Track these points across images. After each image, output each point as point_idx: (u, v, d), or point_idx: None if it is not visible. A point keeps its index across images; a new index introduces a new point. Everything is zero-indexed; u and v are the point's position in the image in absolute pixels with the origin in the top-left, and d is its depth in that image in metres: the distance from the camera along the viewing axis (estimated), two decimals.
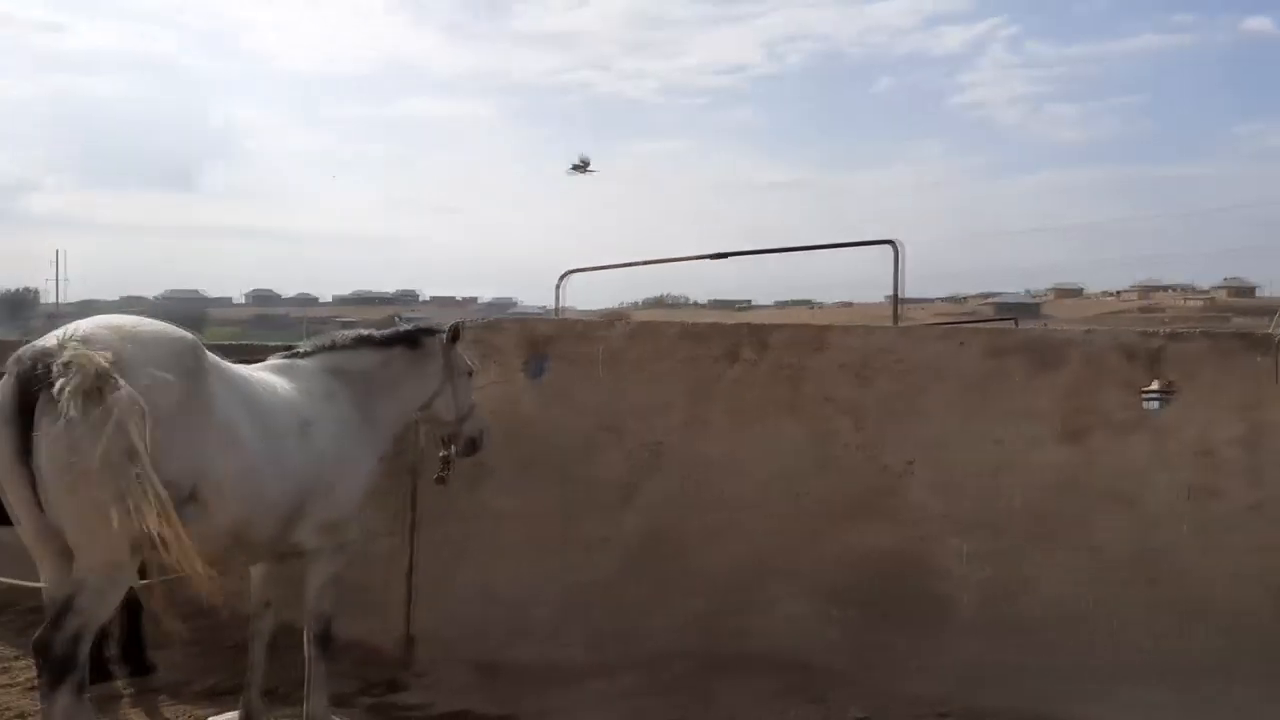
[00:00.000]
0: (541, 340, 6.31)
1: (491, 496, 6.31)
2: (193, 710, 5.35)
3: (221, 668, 5.95)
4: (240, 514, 4.17)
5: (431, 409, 5.44)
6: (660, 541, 6.06)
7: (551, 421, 6.27)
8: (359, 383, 5.03)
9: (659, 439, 6.10)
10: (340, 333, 5.26)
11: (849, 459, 5.73)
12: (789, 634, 5.67)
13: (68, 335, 3.78)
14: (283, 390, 4.60)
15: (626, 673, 5.86)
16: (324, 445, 4.63)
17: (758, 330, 6.10)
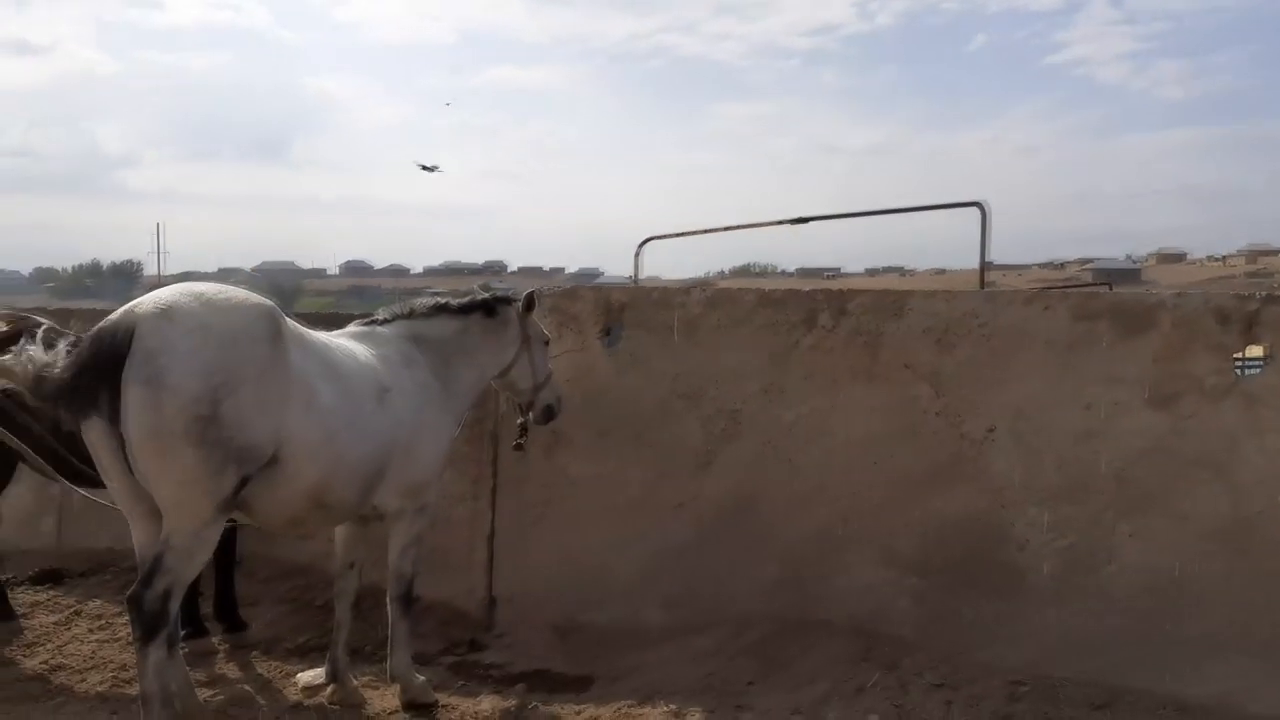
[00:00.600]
0: (617, 308, 6.33)
1: (569, 463, 6.38)
2: (283, 666, 5.55)
3: (311, 626, 6.17)
4: (320, 477, 4.29)
5: (508, 376, 5.51)
6: (737, 508, 6.05)
7: (627, 389, 6.30)
8: (437, 350, 5.11)
9: (736, 406, 6.08)
10: (419, 300, 5.35)
11: (928, 426, 5.62)
12: (864, 601, 5.62)
13: (150, 302, 3.92)
14: (362, 356, 4.71)
15: (702, 636, 5.90)
16: (402, 411, 4.73)
17: (836, 296, 6.00)
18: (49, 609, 6.29)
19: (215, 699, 4.93)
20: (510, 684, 5.53)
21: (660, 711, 4.89)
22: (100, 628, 5.97)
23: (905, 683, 4.92)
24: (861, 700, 4.81)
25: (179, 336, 3.80)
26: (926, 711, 4.64)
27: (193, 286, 4.12)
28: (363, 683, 5.19)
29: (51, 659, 5.39)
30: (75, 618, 6.12)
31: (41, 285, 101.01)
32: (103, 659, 5.42)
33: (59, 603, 6.42)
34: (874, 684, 4.94)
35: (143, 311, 3.85)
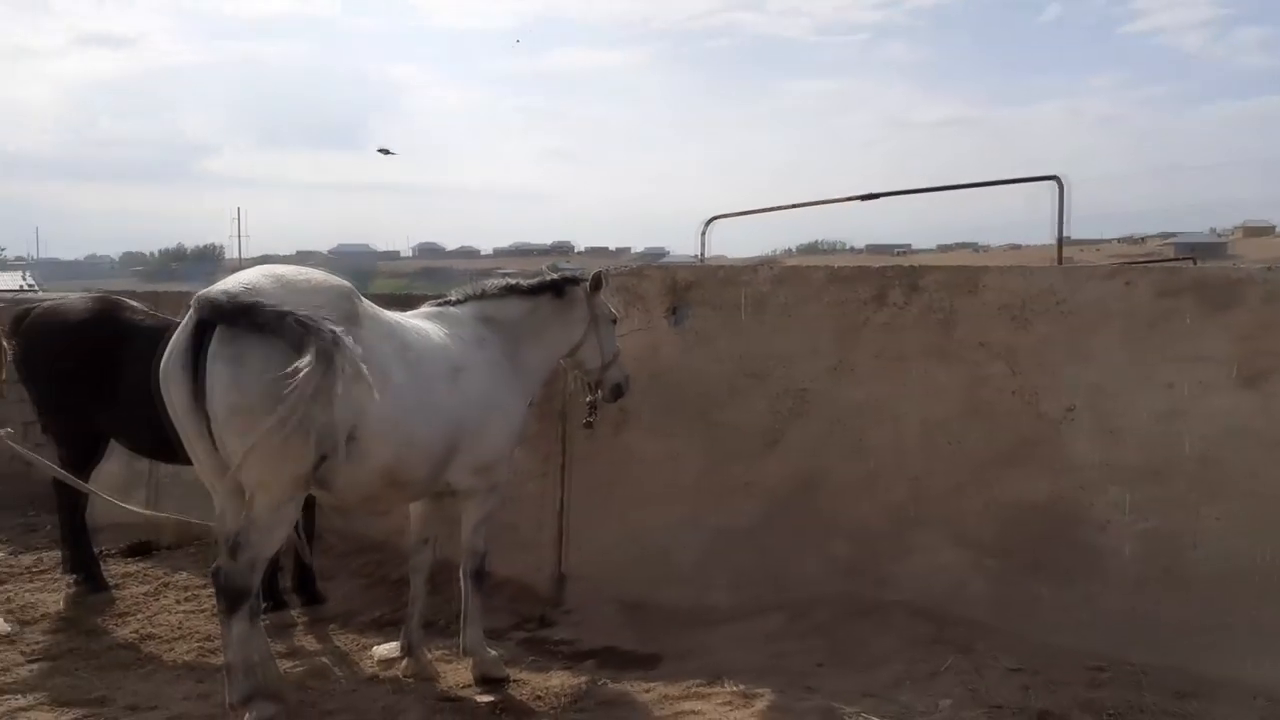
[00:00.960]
0: (684, 286, 6.30)
1: (636, 441, 6.40)
2: (360, 639, 5.68)
3: (386, 600, 6.30)
4: (395, 454, 4.36)
5: (576, 355, 5.54)
6: (805, 488, 6.01)
7: (694, 368, 6.29)
8: (507, 330, 5.16)
9: (804, 385, 6.02)
10: (490, 281, 5.40)
11: (1003, 405, 5.51)
12: (935, 583, 5.55)
13: (234, 284, 4.03)
14: (435, 337, 4.77)
15: (770, 616, 5.88)
16: (474, 390, 4.79)
17: (908, 272, 5.90)
18: (139, 580, 6.53)
19: (295, 670, 5.07)
20: (579, 660, 5.59)
21: (728, 691, 4.89)
22: (187, 599, 6.18)
23: (980, 666, 4.85)
24: (935, 684, 4.76)
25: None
26: (1003, 696, 4.57)
27: (273, 268, 4.22)
28: (436, 656, 5.29)
29: (141, 628, 5.60)
30: (164, 589, 6.34)
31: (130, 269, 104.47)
32: (189, 629, 5.60)
33: (148, 574, 6.66)
34: (948, 667, 4.88)
35: (226, 292, 3.95)
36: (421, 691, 4.80)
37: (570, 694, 4.90)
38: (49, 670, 4.79)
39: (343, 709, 4.51)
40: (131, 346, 5.67)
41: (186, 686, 4.73)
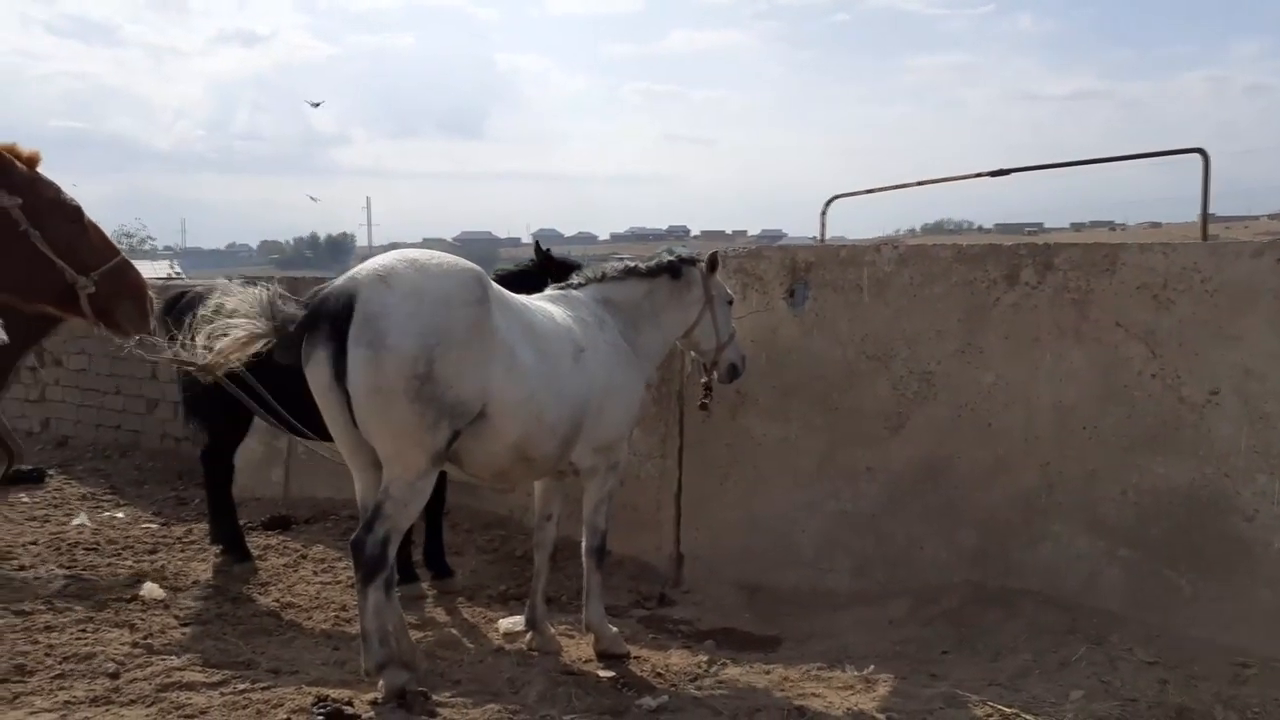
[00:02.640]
0: (803, 267, 6.24)
1: (753, 424, 6.38)
2: (486, 612, 5.84)
3: (511, 575, 6.46)
4: (522, 432, 4.47)
5: (692, 336, 5.55)
6: (930, 473, 5.89)
7: (813, 350, 6.22)
8: (626, 312, 5.21)
9: (929, 368, 5.89)
10: (610, 264, 5.46)
11: (1142, 389, 5.28)
12: (1067, 572, 5.37)
13: (370, 269, 4.19)
14: (559, 318, 4.85)
15: (893, 602, 5.80)
16: (596, 371, 4.85)
17: (1040, 250, 5.69)
18: (278, 552, 6.85)
19: (425, 640, 5.25)
20: (698, 640, 5.62)
21: (849, 675, 4.85)
22: (323, 570, 6.46)
23: (1114, 658, 4.68)
24: (1065, 674, 4.61)
25: (397, 301, 4.04)
26: (1138, 689, 4.40)
27: (408, 253, 4.37)
28: (559, 631, 5.39)
29: (282, 598, 5.88)
30: (301, 561, 6.64)
31: (268, 257, 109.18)
32: (326, 599, 5.86)
33: (287, 547, 6.98)
34: (1079, 658, 4.72)
35: (364, 278, 4.12)
36: (544, 664, 4.90)
37: (689, 672, 4.94)
38: (199, 634, 5.08)
39: (470, 679, 4.65)
40: None
41: (324, 653, 4.95)
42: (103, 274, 3.41)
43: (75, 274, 3.36)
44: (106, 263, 3.43)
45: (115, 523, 7.71)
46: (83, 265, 3.39)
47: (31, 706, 4.06)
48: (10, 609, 5.26)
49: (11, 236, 3.27)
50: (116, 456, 10.35)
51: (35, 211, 3.30)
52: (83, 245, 3.40)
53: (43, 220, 3.30)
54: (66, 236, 3.36)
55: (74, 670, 4.46)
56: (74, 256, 3.37)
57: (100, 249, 3.45)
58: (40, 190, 3.33)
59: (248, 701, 4.13)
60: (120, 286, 3.47)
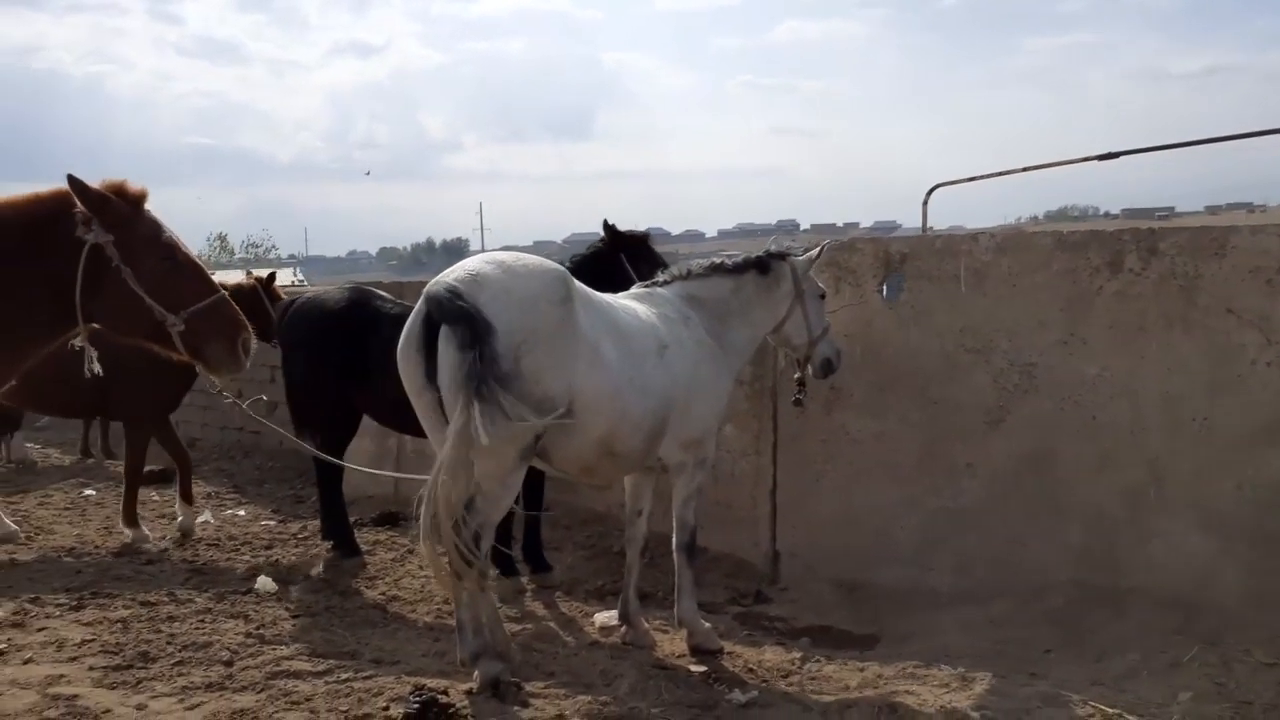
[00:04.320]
0: (897, 259, 6.13)
1: (849, 419, 6.30)
2: (583, 607, 5.93)
3: (607, 571, 6.54)
4: (608, 429, 4.54)
5: (783, 332, 5.52)
6: (1032, 468, 5.72)
7: (909, 343, 6.11)
8: (712, 308, 5.22)
9: (1031, 359, 5.72)
10: (696, 261, 5.48)
11: (1256, 378, 5.02)
12: (1177, 569, 5.14)
13: (459, 272, 4.32)
14: (643, 315, 4.90)
15: (995, 601, 5.66)
16: (680, 367, 4.89)
17: (1145, 236, 5.47)
18: (387, 547, 7.09)
19: (522, 632, 5.37)
20: (793, 637, 5.60)
21: (946, 674, 4.76)
22: (429, 566, 6.66)
23: (1229, 659, 4.47)
24: (1176, 675, 4.43)
25: (485, 301, 4.16)
26: (1254, 692, 4.19)
27: (495, 255, 4.50)
28: (653, 626, 5.44)
29: (388, 591, 6.09)
30: (408, 556, 6.86)
31: (385, 263, 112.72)
32: (430, 593, 6.04)
33: (395, 542, 7.22)
34: (1191, 658, 4.53)
35: (455, 280, 4.25)
36: (637, 658, 4.95)
37: (782, 668, 4.92)
38: (308, 625, 5.32)
39: (564, 671, 4.73)
40: (379, 331, 6.19)
41: (425, 644, 5.11)
42: (192, 313, 3.52)
43: (164, 312, 3.48)
44: (199, 302, 3.55)
45: (237, 519, 8.11)
46: (174, 304, 3.50)
47: (153, 691, 4.32)
48: (138, 600, 5.60)
49: (103, 272, 3.42)
50: (239, 457, 10.90)
51: (128, 248, 3.42)
52: (175, 283, 3.50)
53: (136, 257, 3.43)
54: (158, 274, 3.47)
55: (192, 658, 4.72)
56: (164, 295, 3.47)
57: (195, 288, 3.56)
58: (136, 228, 3.46)
59: (350, 690, 4.31)
60: (211, 326, 3.58)
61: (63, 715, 4.04)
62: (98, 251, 3.41)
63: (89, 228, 3.41)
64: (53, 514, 8.14)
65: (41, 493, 8.98)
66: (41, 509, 8.32)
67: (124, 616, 5.31)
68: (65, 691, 4.27)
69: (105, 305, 3.47)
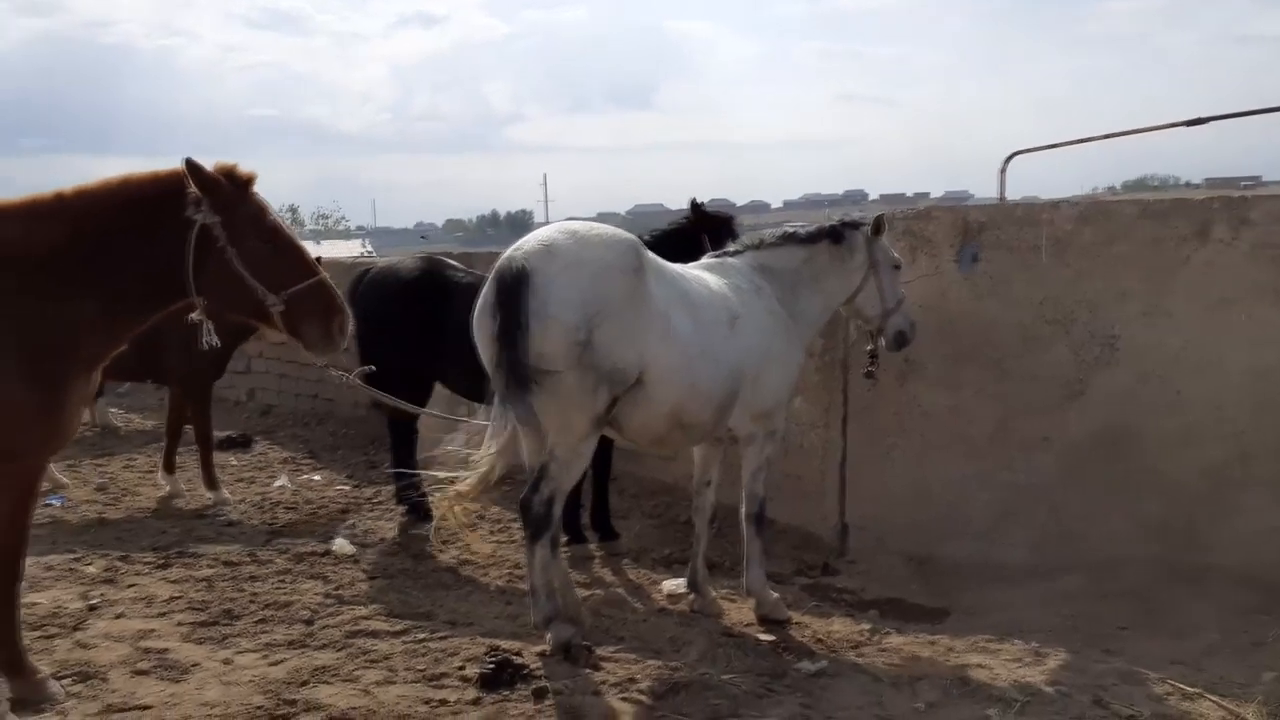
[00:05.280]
0: (975, 228, 6.01)
1: (921, 391, 6.22)
2: (650, 574, 5.98)
3: (674, 540, 6.58)
4: (678, 399, 4.55)
5: (856, 303, 5.45)
6: (1112, 443, 5.61)
7: (986, 314, 6.01)
8: (783, 278, 5.17)
9: (1112, 331, 5.60)
10: (768, 230, 5.44)
11: None
12: (1263, 548, 5.01)
13: (532, 242, 4.35)
14: (714, 286, 4.89)
15: (1069, 576, 5.58)
16: (751, 338, 4.87)
17: (1234, 204, 5.29)
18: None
19: (592, 598, 5.43)
20: (862, 610, 5.58)
21: (1019, 648, 4.71)
22: (499, 530, 6.76)
23: None
24: (1256, 655, 4.34)
25: (558, 271, 4.19)
26: None
27: (567, 225, 4.52)
28: (721, 595, 5.47)
29: (460, 555, 6.20)
30: (479, 521, 6.95)
31: (452, 235, 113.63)
32: (500, 557, 6.14)
33: (466, 508, 7.32)
34: (1274, 638, 4.42)
35: (528, 250, 4.29)
36: (705, 625, 4.98)
37: (851, 639, 4.91)
38: (384, 587, 5.44)
39: (633, 636, 4.78)
40: (452, 301, 6.28)
41: (498, 607, 5.20)
42: (292, 294, 3.62)
43: (266, 292, 3.59)
44: (300, 283, 3.64)
45: (312, 484, 8.30)
46: (275, 284, 3.60)
47: (238, 647, 4.48)
48: (221, 560, 5.78)
49: (210, 252, 3.54)
50: (314, 424, 11.13)
51: (234, 229, 3.55)
52: (277, 264, 3.61)
53: (241, 238, 3.55)
54: (261, 255, 3.59)
55: (274, 616, 4.87)
56: (266, 275, 3.59)
57: (297, 269, 3.66)
58: (242, 209, 3.58)
59: (426, 650, 4.41)
60: (310, 308, 3.68)
61: (154, 667, 4.21)
62: (206, 231, 3.53)
63: (199, 208, 3.53)
64: (137, 477, 8.41)
65: (126, 456, 9.27)
66: (127, 472, 8.60)
67: (208, 575, 5.49)
68: (156, 645, 4.44)
69: (210, 283, 3.59)
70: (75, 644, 4.46)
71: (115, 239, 3.51)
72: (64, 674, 4.08)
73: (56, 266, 3.46)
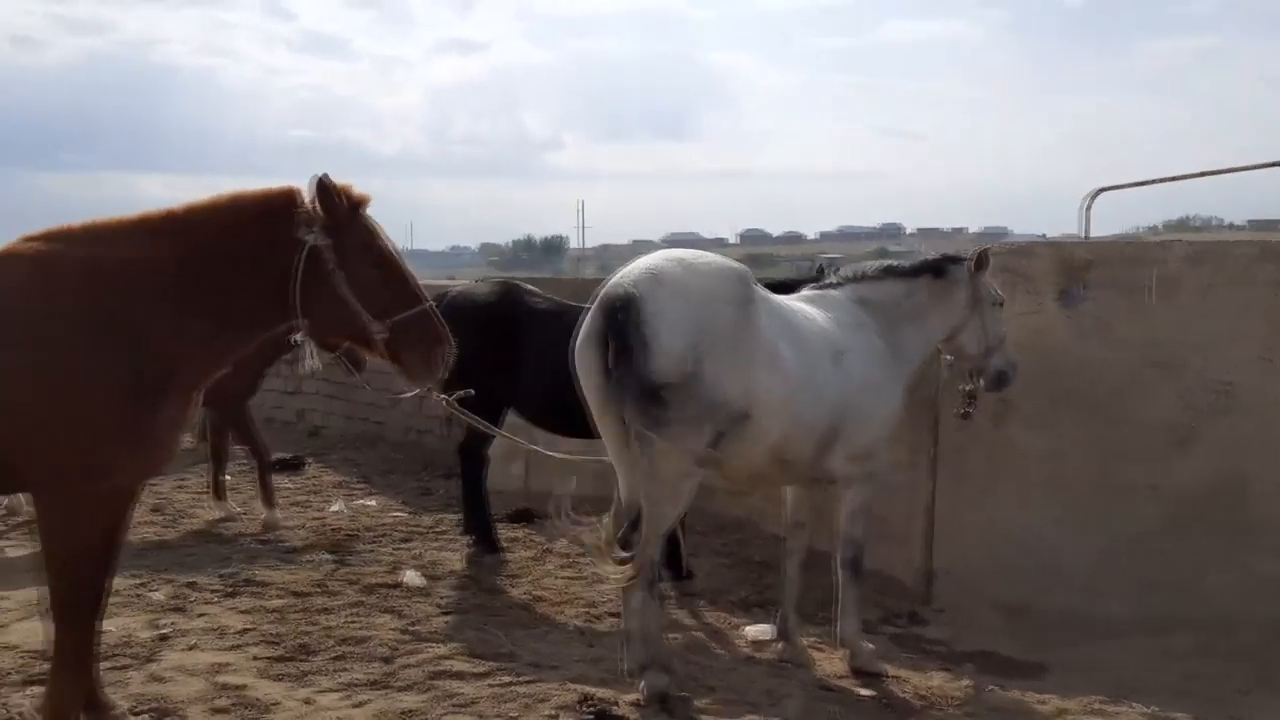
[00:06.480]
0: (1078, 266, 5.78)
1: (1018, 434, 5.97)
2: (729, 618, 5.72)
3: (749, 581, 6.33)
4: (781, 434, 4.34)
5: (956, 340, 5.24)
6: (1224, 492, 5.35)
7: (1088, 355, 5.76)
8: (884, 313, 4.98)
9: (1226, 378, 5.35)
10: (869, 263, 5.26)
11: None
12: None
13: (640, 269, 4.17)
14: (818, 319, 4.70)
15: (1178, 633, 5.30)
16: (855, 373, 4.66)
17: None
18: (524, 545, 6.99)
19: (673, 642, 5.19)
20: (956, 662, 5.31)
21: (1136, 712, 4.45)
22: (567, 565, 6.53)
23: None
24: None
25: (666, 299, 4.01)
26: None
27: (675, 252, 4.35)
28: (807, 643, 5.22)
29: (531, 590, 5.98)
30: (546, 555, 6.75)
31: (487, 258, 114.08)
32: (573, 594, 5.91)
33: (531, 540, 7.12)
34: None
35: (635, 278, 4.11)
36: (800, 677, 4.74)
37: (957, 697, 4.65)
38: (460, 624, 5.22)
39: (724, 686, 4.54)
40: (528, 326, 6.13)
41: (579, 649, 4.96)
42: (396, 322, 3.47)
43: (370, 318, 3.44)
44: (406, 311, 3.49)
45: (368, 510, 8.12)
46: (381, 310, 3.47)
47: (317, 685, 4.27)
48: (290, 590, 5.60)
49: (317, 274, 3.41)
50: (364, 447, 10.97)
51: (343, 252, 3.43)
52: (384, 290, 3.50)
53: (349, 261, 3.43)
54: (368, 280, 3.47)
55: (351, 652, 4.67)
56: (372, 301, 3.46)
57: (403, 297, 3.53)
58: (353, 232, 3.46)
59: (514, 694, 4.19)
60: (414, 336, 3.54)
61: (233, 705, 4.02)
62: (315, 253, 3.39)
63: (310, 228, 3.39)
64: (190, 498, 8.26)
65: (177, 477, 9.14)
66: (180, 493, 8.45)
67: (279, 606, 5.30)
68: (232, 681, 4.25)
69: (314, 305, 3.45)
70: (149, 676, 4.27)
71: (224, 258, 3.38)
72: (140, 709, 3.90)
73: (165, 285, 3.33)
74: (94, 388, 3.24)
